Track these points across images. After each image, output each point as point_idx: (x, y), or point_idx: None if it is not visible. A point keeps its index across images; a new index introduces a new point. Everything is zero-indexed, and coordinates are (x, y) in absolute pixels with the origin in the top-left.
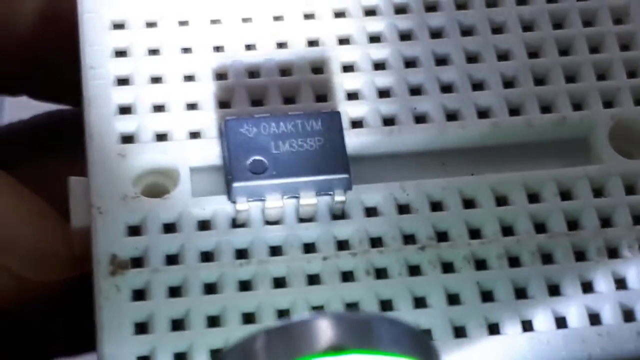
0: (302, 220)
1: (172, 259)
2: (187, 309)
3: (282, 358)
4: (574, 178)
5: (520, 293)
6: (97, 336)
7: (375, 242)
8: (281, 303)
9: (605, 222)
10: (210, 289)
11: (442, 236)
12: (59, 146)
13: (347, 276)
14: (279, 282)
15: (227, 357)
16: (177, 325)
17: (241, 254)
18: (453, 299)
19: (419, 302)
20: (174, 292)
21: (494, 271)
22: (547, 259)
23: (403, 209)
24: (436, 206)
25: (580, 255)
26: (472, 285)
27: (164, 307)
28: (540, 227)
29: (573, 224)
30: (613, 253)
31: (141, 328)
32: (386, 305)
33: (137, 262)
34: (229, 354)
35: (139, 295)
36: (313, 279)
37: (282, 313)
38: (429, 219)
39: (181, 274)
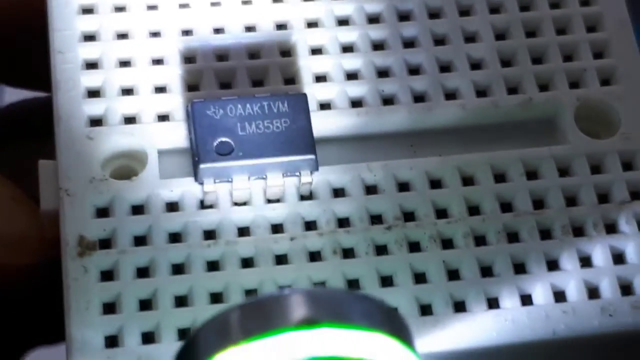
0: (269, 201)
1: (140, 240)
2: (154, 289)
3: (256, 332)
4: (540, 158)
5: (486, 271)
6: (65, 316)
7: (343, 223)
8: (249, 283)
9: (571, 201)
10: (178, 269)
11: (408, 216)
12: (33, 134)
13: (314, 256)
14: (247, 262)
15: (201, 332)
16: (145, 305)
17: (209, 234)
18: (419, 278)
19: (386, 281)
20: (142, 272)
21: (460, 250)
22: (513, 237)
23: (370, 189)
24: (403, 187)
25: (545, 234)
26: (438, 264)
27: (131, 288)
28: (506, 207)
29: (539, 203)
30: (578, 231)
31: (109, 308)
32: (353, 284)
33: (105, 243)
34: (203, 329)
35: (107, 276)
36: (281, 259)
37: (250, 292)
38: (395, 199)
39: (149, 255)
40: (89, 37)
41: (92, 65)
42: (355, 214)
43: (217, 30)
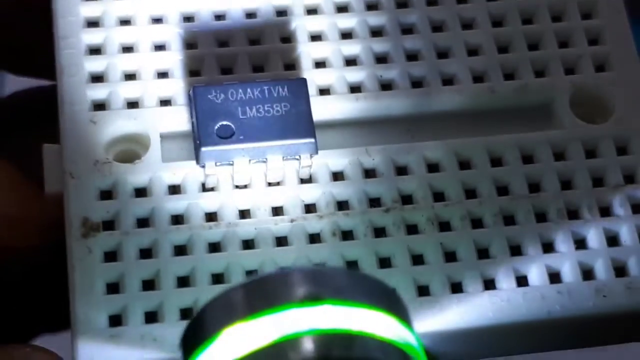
0: (269, 184)
1: (142, 222)
2: (157, 270)
3: (261, 308)
4: (535, 143)
5: (483, 253)
6: (70, 296)
7: (342, 205)
8: (250, 264)
9: (566, 185)
10: (180, 250)
11: (406, 199)
12: (37, 121)
13: (314, 238)
14: (248, 244)
15: (209, 308)
16: (148, 285)
17: (210, 216)
18: (417, 259)
19: (384, 263)
20: (145, 253)
21: (457, 232)
22: (509, 220)
23: (369, 173)
24: (401, 170)
25: (541, 217)
26: (436, 246)
27: (134, 268)
28: (502, 190)
29: (535, 187)
30: (573, 214)
31: (113, 288)
32: (352, 265)
33: (109, 225)
34: (210, 306)
35: (111, 256)
36: (281, 241)
37: (251, 273)
38: (393, 182)
39: (152, 236)
40: (92, 24)
41: (95, 50)
42: (354, 196)
43: (219, 17)
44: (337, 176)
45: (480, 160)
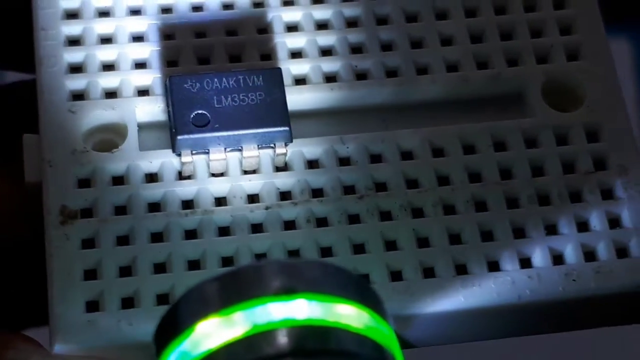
0: (245, 172)
1: (120, 210)
2: (134, 256)
3: (236, 300)
4: (507, 130)
5: (455, 239)
6: (47, 282)
7: (316, 193)
8: (225, 250)
9: (538, 172)
10: (156, 237)
11: (380, 186)
12: (17, 114)
13: (289, 225)
14: (224, 231)
15: (182, 301)
16: (125, 272)
17: (187, 204)
18: (390, 245)
19: (358, 249)
20: (122, 240)
21: (430, 219)
22: (481, 206)
23: (343, 161)
24: (375, 158)
25: (512, 203)
26: (409, 232)
27: (111, 255)
28: (475, 177)
29: (506, 174)
30: (544, 201)
31: (90, 274)
32: (326, 252)
33: (87, 212)
34: (184, 299)
35: (88, 244)
36: (256, 228)
37: (226, 260)
38: (367, 170)
39: (129, 224)
40: (71, 15)
41: (74, 42)
42: (329, 184)
43: (196, 8)
44: (312, 164)
45: (453, 148)
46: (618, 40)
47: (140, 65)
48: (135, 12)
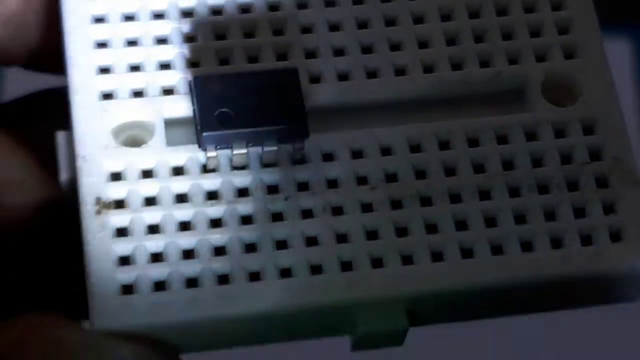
0: (265, 165)
1: (150, 201)
2: (164, 244)
3: None
4: (509, 125)
5: (461, 225)
6: (85, 269)
7: (331, 184)
8: (247, 238)
9: (537, 163)
10: (184, 226)
11: (391, 177)
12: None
13: (306, 213)
14: (246, 220)
15: None
16: (156, 258)
17: (211, 195)
18: (371, 235)
19: (371, 235)
20: (153, 229)
21: (437, 207)
22: (485, 196)
23: (356, 154)
24: (386, 152)
25: (514, 192)
26: (420, 220)
27: (144, 243)
28: (479, 168)
29: (508, 165)
30: (543, 190)
31: (124, 261)
32: (341, 238)
33: (120, 203)
34: None
35: (122, 232)
36: (276, 217)
37: (248, 246)
38: (379, 163)
39: (159, 214)
40: (99, 20)
41: (102, 44)
42: (343, 175)
43: (215, 12)
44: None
45: (459, 142)
46: (618, 41)
47: (165, 66)
48: (159, 16)
